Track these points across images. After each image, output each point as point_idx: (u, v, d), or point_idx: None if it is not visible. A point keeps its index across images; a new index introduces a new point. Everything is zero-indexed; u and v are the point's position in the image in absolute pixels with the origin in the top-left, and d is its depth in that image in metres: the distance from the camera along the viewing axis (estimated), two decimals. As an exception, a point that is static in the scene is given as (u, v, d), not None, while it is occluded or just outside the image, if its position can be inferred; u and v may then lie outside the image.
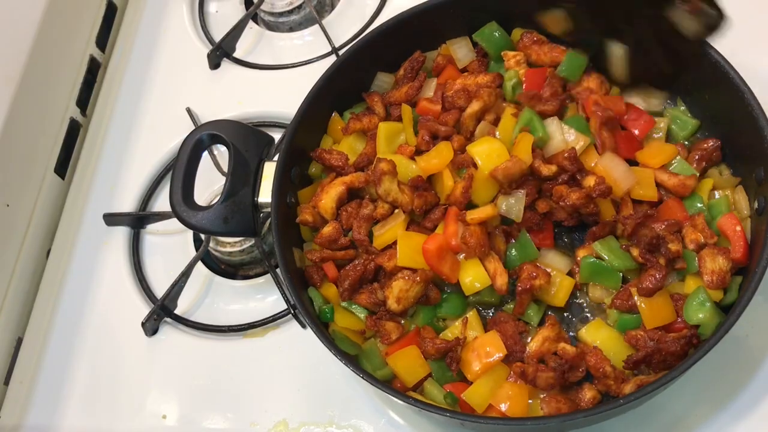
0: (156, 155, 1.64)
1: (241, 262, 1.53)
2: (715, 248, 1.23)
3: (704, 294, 1.20)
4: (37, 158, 1.60)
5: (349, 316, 1.30)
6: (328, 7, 1.82)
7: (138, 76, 1.75)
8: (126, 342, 1.47)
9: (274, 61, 1.74)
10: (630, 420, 1.28)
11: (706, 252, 1.23)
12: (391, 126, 1.38)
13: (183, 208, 1.28)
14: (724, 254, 1.22)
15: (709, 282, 1.22)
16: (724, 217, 1.27)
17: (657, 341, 1.18)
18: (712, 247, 1.24)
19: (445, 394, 1.23)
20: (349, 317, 1.30)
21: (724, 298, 1.22)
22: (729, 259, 1.22)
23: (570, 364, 1.19)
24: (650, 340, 1.18)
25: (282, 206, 1.31)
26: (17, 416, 1.44)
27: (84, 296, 1.53)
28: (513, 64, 1.41)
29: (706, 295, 1.20)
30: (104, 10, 1.81)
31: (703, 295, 1.20)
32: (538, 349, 1.22)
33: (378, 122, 1.40)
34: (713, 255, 1.23)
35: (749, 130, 1.25)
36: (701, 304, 1.19)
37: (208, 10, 1.85)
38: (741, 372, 1.30)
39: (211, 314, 1.49)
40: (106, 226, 1.58)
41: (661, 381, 1.12)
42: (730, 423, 1.27)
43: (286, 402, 1.38)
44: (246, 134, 1.33)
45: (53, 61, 1.64)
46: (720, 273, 1.21)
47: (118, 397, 1.43)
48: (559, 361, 1.20)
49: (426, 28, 1.45)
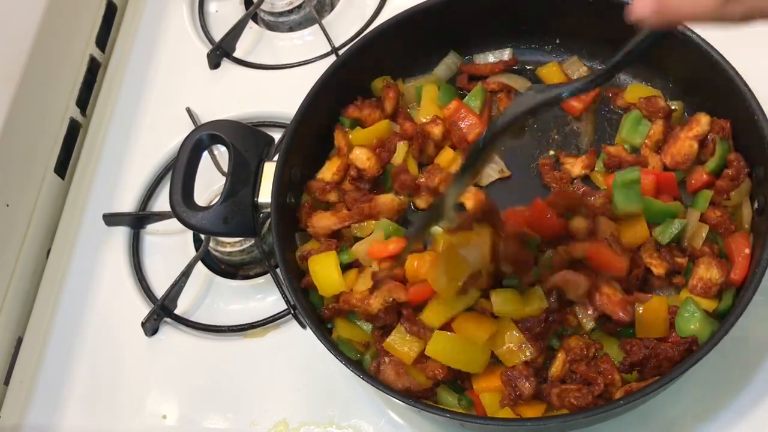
0: (156, 155, 1.64)
1: (241, 262, 1.53)
2: (717, 260, 1.22)
3: (692, 305, 1.19)
4: (37, 158, 1.60)
5: (353, 327, 1.29)
6: (328, 7, 1.82)
7: (138, 76, 1.75)
8: (126, 342, 1.47)
9: (274, 61, 1.74)
10: (630, 420, 1.27)
11: (705, 260, 1.22)
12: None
13: (183, 208, 1.28)
14: (721, 269, 1.21)
15: (692, 287, 1.21)
16: (734, 237, 1.25)
17: (652, 349, 1.17)
18: (713, 258, 1.22)
19: (459, 398, 1.22)
20: (352, 328, 1.29)
21: (718, 306, 1.21)
22: (724, 275, 1.20)
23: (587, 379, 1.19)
24: (644, 348, 1.17)
25: (282, 206, 1.31)
26: (17, 416, 1.44)
27: (84, 296, 1.53)
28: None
29: (694, 306, 1.18)
30: (104, 10, 1.81)
31: (692, 307, 1.18)
32: (559, 372, 1.22)
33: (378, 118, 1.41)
34: (709, 265, 1.21)
35: (749, 129, 1.25)
36: (691, 315, 1.18)
37: (208, 10, 1.85)
38: (741, 372, 1.30)
39: (211, 314, 1.49)
40: (106, 226, 1.58)
41: (660, 383, 1.11)
42: (730, 423, 1.27)
43: (286, 402, 1.38)
44: (246, 134, 1.33)
45: (53, 61, 1.64)
46: (707, 283, 1.20)
47: (118, 397, 1.43)
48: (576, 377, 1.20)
49: (426, 27, 1.45)
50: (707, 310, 1.20)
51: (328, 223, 1.34)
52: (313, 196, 1.39)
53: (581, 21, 1.43)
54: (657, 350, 1.17)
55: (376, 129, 1.42)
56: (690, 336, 1.17)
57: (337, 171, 1.40)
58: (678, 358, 1.16)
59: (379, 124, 1.42)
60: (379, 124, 1.42)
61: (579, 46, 1.49)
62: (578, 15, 1.42)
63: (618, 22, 0.89)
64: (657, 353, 1.16)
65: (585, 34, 1.46)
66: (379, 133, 1.41)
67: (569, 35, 1.48)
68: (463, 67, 1.51)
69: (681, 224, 1.25)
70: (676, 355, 1.16)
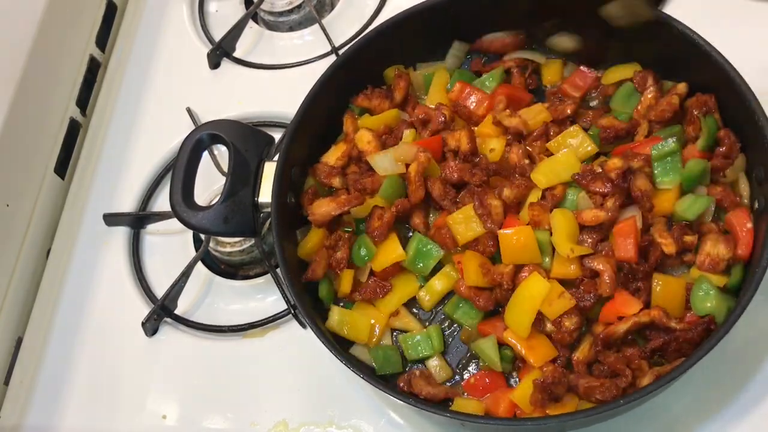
0: (156, 155, 1.64)
1: (241, 262, 1.53)
2: (722, 236, 1.22)
3: (707, 283, 1.19)
4: (37, 158, 1.60)
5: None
6: (327, 7, 1.82)
7: (138, 76, 1.75)
8: (126, 342, 1.47)
9: (274, 60, 1.74)
10: (630, 420, 1.27)
11: (711, 236, 1.23)
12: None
13: (183, 208, 1.28)
14: (727, 244, 1.21)
15: (700, 263, 1.21)
16: (735, 212, 1.25)
17: (671, 333, 1.17)
18: (719, 234, 1.23)
19: (501, 354, 1.24)
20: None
21: (728, 281, 1.21)
22: (731, 250, 1.21)
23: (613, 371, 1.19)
24: (663, 333, 1.18)
25: (282, 206, 1.31)
26: (17, 416, 1.44)
27: (84, 296, 1.53)
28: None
29: (708, 284, 1.19)
30: (104, 10, 1.81)
31: (706, 285, 1.19)
32: (585, 357, 1.22)
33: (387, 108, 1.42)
34: (716, 241, 1.22)
35: (748, 129, 1.25)
36: (706, 293, 1.19)
37: (208, 10, 1.85)
38: (742, 371, 1.30)
39: (211, 314, 1.49)
40: (106, 226, 1.58)
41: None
42: (730, 422, 1.27)
43: (286, 402, 1.38)
44: (246, 134, 1.33)
45: (53, 61, 1.64)
46: (714, 259, 1.21)
47: (118, 397, 1.43)
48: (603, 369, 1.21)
49: (426, 27, 1.45)
50: (719, 287, 1.20)
51: (328, 209, 1.33)
52: (317, 179, 1.39)
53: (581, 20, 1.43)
54: (676, 334, 1.17)
55: (384, 116, 1.42)
56: (707, 315, 1.17)
57: (342, 156, 1.40)
58: (698, 339, 1.16)
59: (388, 112, 1.42)
60: (389, 112, 1.42)
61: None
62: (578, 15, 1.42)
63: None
64: (676, 336, 1.17)
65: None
66: (388, 121, 1.42)
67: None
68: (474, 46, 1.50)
69: (710, 201, 1.25)
70: (695, 336, 1.16)
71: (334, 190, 1.39)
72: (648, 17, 1.29)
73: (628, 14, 1.30)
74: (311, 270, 1.31)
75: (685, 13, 1.32)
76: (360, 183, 1.35)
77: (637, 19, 1.30)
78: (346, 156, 1.40)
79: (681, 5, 1.30)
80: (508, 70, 1.47)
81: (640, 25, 1.31)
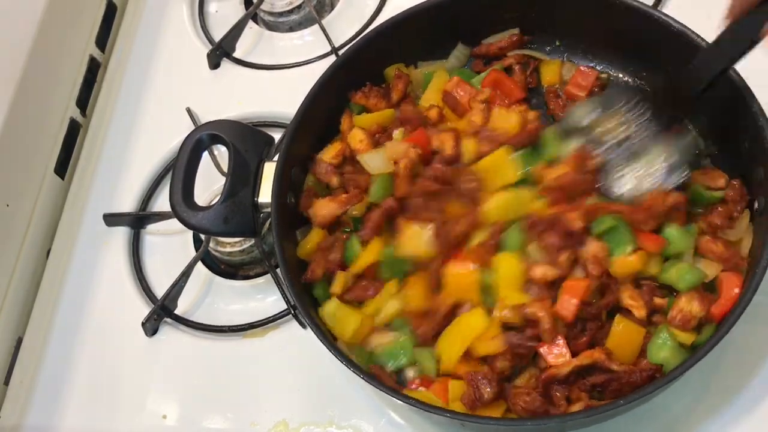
0: (156, 155, 1.64)
1: (241, 262, 1.53)
2: (700, 294, 1.18)
3: (666, 333, 1.17)
4: (37, 158, 1.60)
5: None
6: (327, 7, 1.82)
7: (138, 76, 1.75)
8: (126, 342, 1.47)
9: (274, 61, 1.74)
10: (630, 420, 1.27)
11: (689, 293, 1.19)
12: None
13: (183, 208, 1.28)
14: (703, 304, 1.17)
15: (672, 318, 1.18)
16: (729, 275, 1.20)
17: (615, 373, 1.16)
18: (699, 291, 1.19)
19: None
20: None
21: (696, 339, 1.18)
22: (705, 310, 1.17)
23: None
24: (608, 371, 1.16)
25: (282, 207, 1.31)
26: (17, 416, 1.44)
27: (84, 296, 1.53)
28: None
29: (667, 335, 1.17)
30: (104, 10, 1.81)
31: (665, 335, 1.17)
32: (525, 384, 1.21)
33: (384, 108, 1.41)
34: (692, 298, 1.18)
35: (748, 129, 1.25)
36: (663, 343, 1.17)
37: (208, 10, 1.85)
38: (741, 372, 1.30)
39: (211, 314, 1.49)
40: (106, 226, 1.58)
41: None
42: (730, 423, 1.27)
43: (286, 402, 1.38)
44: (246, 134, 1.33)
45: (53, 61, 1.64)
46: (686, 316, 1.17)
47: (118, 397, 1.43)
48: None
49: (426, 27, 1.45)
50: (684, 344, 1.17)
51: (330, 210, 1.33)
52: (316, 176, 1.38)
53: (581, 21, 1.43)
54: (620, 374, 1.15)
55: (379, 115, 1.41)
56: (658, 363, 1.15)
57: (336, 155, 1.39)
58: (640, 383, 1.14)
59: (383, 111, 1.42)
60: (383, 111, 1.42)
61: (580, 47, 1.49)
62: (578, 14, 1.43)
63: (617, 22, 0.88)
64: (620, 377, 1.15)
65: (586, 35, 1.46)
66: (382, 120, 1.41)
67: (570, 36, 1.48)
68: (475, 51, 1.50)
69: (705, 276, 1.20)
70: (637, 380, 1.14)
71: (332, 190, 1.39)
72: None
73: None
74: (311, 270, 1.31)
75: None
76: (355, 181, 1.35)
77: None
78: (341, 155, 1.39)
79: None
80: (509, 68, 1.47)
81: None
